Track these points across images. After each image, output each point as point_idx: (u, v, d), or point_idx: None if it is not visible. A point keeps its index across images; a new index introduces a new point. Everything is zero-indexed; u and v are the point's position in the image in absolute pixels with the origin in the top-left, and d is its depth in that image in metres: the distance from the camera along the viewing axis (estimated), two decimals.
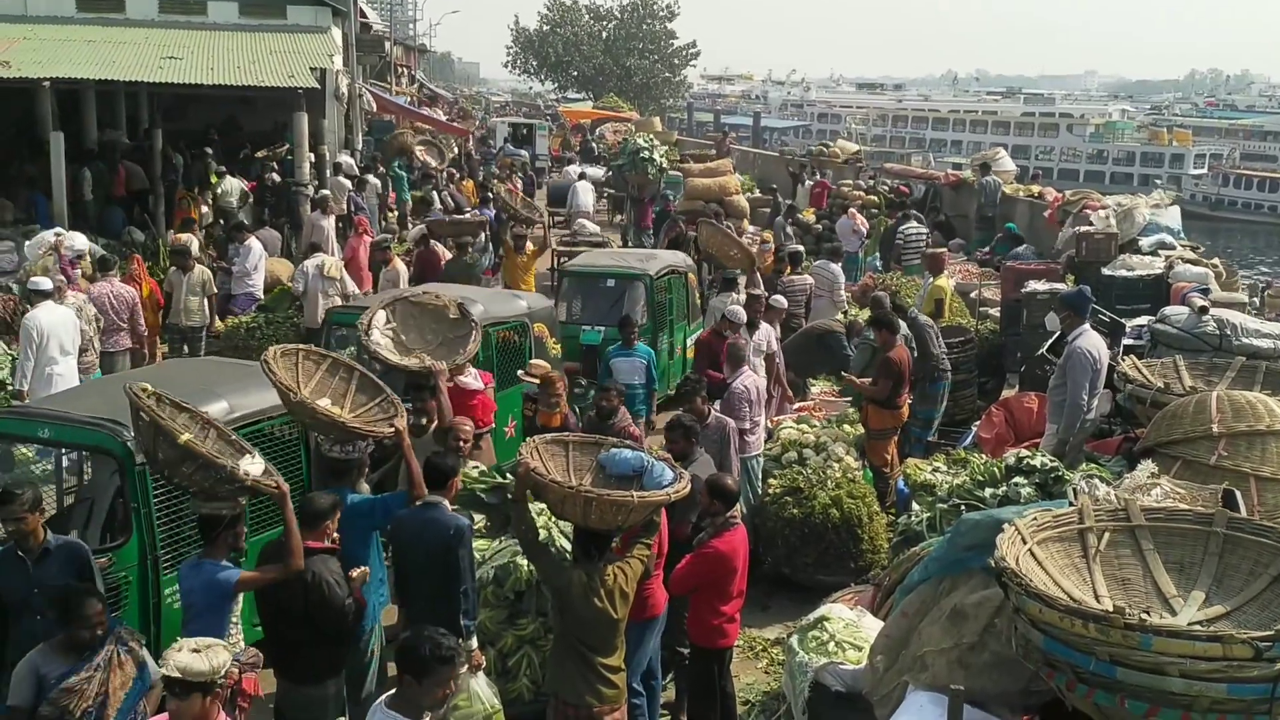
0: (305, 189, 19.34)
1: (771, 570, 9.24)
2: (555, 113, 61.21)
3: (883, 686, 5.49)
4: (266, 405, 7.28)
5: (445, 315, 8.56)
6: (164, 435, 5.77)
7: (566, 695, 5.73)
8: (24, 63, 17.24)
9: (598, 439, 6.70)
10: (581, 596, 5.64)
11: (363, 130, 31.77)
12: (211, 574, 5.72)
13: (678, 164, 26.29)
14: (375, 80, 39.73)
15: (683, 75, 75.04)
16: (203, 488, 5.85)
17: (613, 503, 5.71)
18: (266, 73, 18.94)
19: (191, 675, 4.49)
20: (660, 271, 13.57)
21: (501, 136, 41.94)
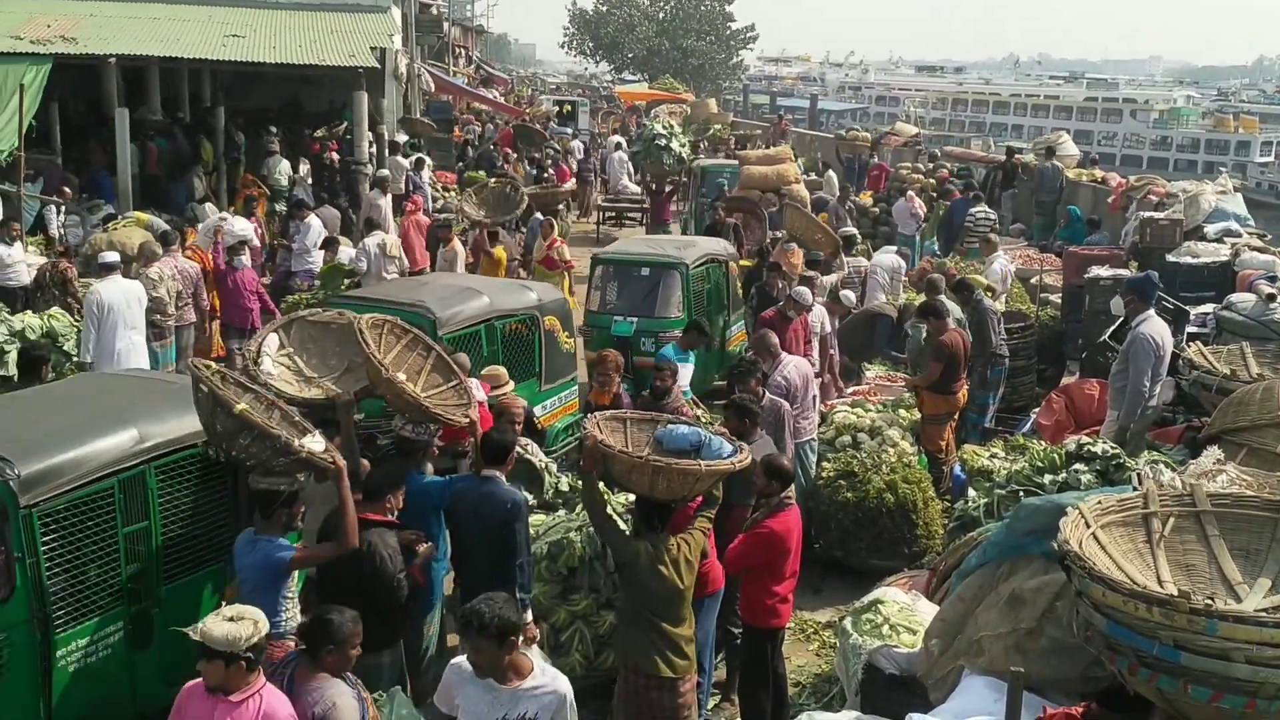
0: (364, 168, 19.52)
1: (824, 554, 9.21)
2: (610, 94, 61.17)
3: (937, 670, 5.47)
4: (186, 432, 6.22)
5: (352, 335, 7.00)
6: (221, 406, 5.82)
7: (640, 664, 5.80)
8: (90, 39, 17.57)
9: (653, 415, 6.74)
10: (648, 567, 5.71)
11: (421, 110, 31.95)
12: (267, 551, 5.73)
13: (735, 151, 25.93)
14: (433, 60, 39.86)
15: (739, 57, 74.63)
16: (260, 460, 5.89)
17: (681, 471, 5.78)
18: (328, 52, 19.13)
19: (210, 643, 4.57)
20: (698, 260, 12.94)
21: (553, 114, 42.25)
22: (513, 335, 10.01)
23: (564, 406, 10.76)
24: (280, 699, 4.73)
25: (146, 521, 6.05)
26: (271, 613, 5.59)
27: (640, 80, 64.74)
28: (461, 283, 10.12)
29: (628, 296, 12.92)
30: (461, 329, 9.40)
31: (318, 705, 4.77)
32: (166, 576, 6.17)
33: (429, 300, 9.36)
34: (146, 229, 14.54)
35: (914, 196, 20.32)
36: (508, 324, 9.90)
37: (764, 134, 34.38)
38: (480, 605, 4.57)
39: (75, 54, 16.94)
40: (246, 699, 4.60)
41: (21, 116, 13.69)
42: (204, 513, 6.38)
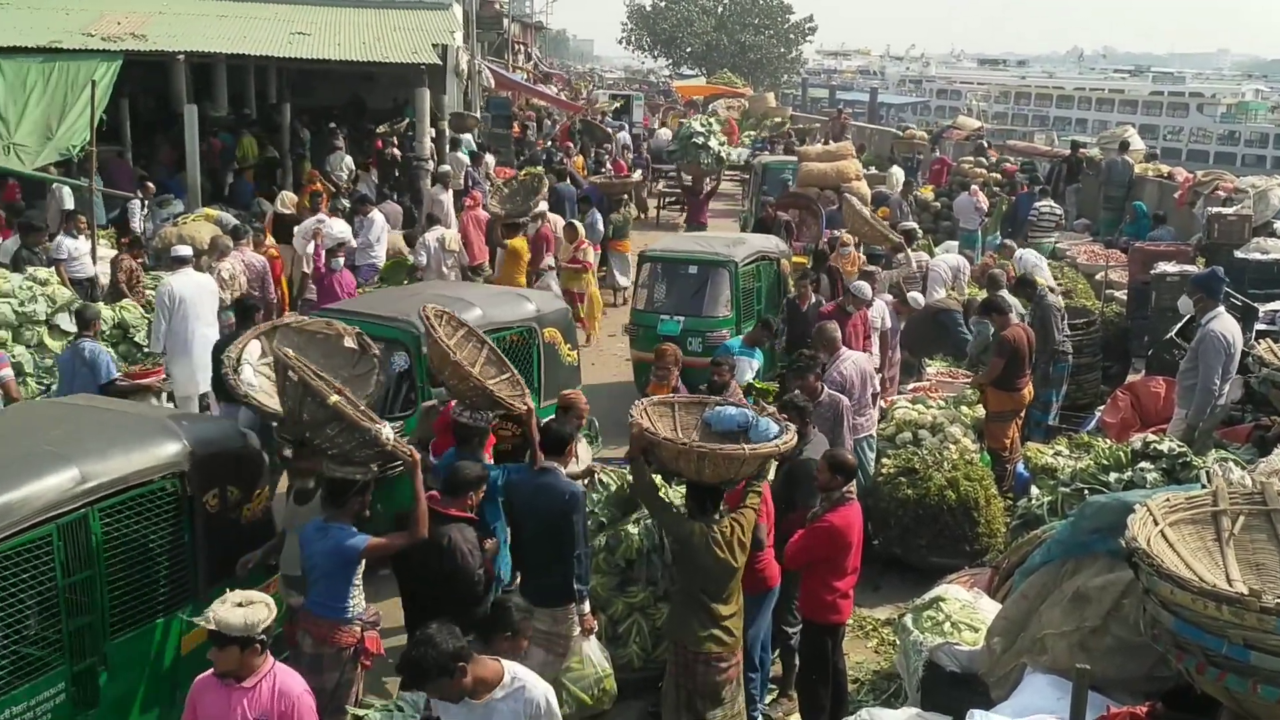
0: (425, 164, 19.71)
1: (883, 551, 9.16)
2: (667, 89, 61.17)
3: (999, 668, 5.42)
4: (135, 469, 5.68)
5: (339, 346, 6.92)
6: (313, 396, 5.92)
7: (688, 642, 5.90)
8: (159, 36, 17.89)
9: (702, 399, 6.84)
10: (704, 548, 5.81)
11: (480, 107, 32.17)
12: (339, 539, 5.80)
13: (795, 147, 25.70)
14: (493, 57, 40.14)
15: (798, 51, 74.24)
16: (342, 450, 5.98)
17: (725, 456, 5.87)
18: (391, 49, 19.33)
19: (227, 629, 4.63)
20: (748, 257, 12.57)
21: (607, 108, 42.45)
22: (507, 349, 8.77)
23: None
24: (293, 675, 4.83)
25: (90, 571, 5.42)
26: (341, 599, 5.80)
27: (698, 75, 64.66)
28: (452, 293, 9.35)
29: (675, 295, 12.65)
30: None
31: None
32: (114, 630, 5.56)
33: (413, 314, 8.36)
34: (215, 224, 14.82)
35: (977, 191, 20.12)
36: (502, 338, 8.78)
37: (823, 128, 34.18)
38: (413, 653, 4.36)
39: (145, 51, 17.26)
40: (260, 681, 4.70)
41: (93, 112, 13.96)
42: (157, 558, 5.80)
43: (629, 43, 74.42)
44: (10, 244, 13.19)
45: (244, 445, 6.40)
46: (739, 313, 12.10)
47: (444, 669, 4.30)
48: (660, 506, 6.12)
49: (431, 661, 4.30)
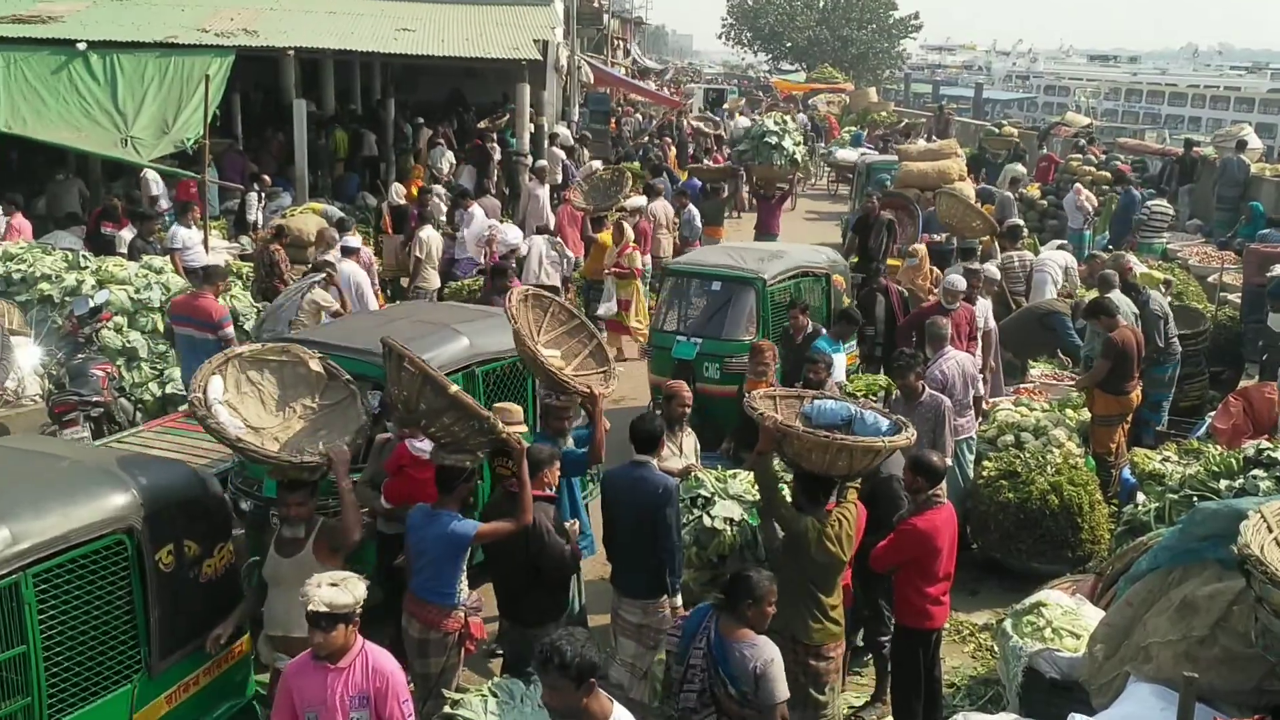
0: (525, 159, 19.92)
1: (981, 555, 8.99)
2: (767, 84, 60.86)
3: (1102, 675, 5.30)
4: (75, 526, 4.91)
5: (302, 374, 6.31)
6: (432, 385, 5.96)
7: (798, 633, 5.90)
8: (270, 32, 18.37)
9: (798, 393, 6.83)
10: (816, 542, 5.83)
11: (579, 102, 32.40)
12: (449, 525, 5.87)
13: (896, 145, 25.24)
14: (592, 53, 40.38)
15: (901, 46, 73.27)
16: (456, 439, 6.07)
17: (865, 449, 5.85)
18: (492, 45, 19.57)
19: (338, 608, 4.66)
20: (783, 274, 11.17)
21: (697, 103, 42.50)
22: (501, 382, 8.05)
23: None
24: (384, 653, 4.86)
25: (24, 646, 4.72)
26: (450, 585, 5.95)
27: (798, 70, 64.21)
28: (437, 319, 8.24)
29: (696, 314, 11.41)
30: None
31: (756, 662, 4.97)
32: (54, 713, 4.89)
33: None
34: (321, 215, 15.18)
35: (1081, 189, 19.59)
36: (495, 369, 7.94)
37: (927, 124, 33.69)
38: (562, 642, 4.25)
39: (256, 46, 17.74)
40: (354, 661, 4.75)
41: (207, 106, 14.38)
42: (104, 626, 5.08)
43: (729, 38, 74.16)
44: (126, 233, 13.69)
45: (204, 492, 5.72)
46: (767, 336, 10.53)
47: (581, 673, 4.21)
48: (780, 502, 6.09)
49: (576, 660, 4.19)
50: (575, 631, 4.45)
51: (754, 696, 4.99)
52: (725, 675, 5.04)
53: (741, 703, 5.03)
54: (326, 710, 4.69)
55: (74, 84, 15.80)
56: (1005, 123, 32.67)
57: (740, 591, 5.06)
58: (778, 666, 5.01)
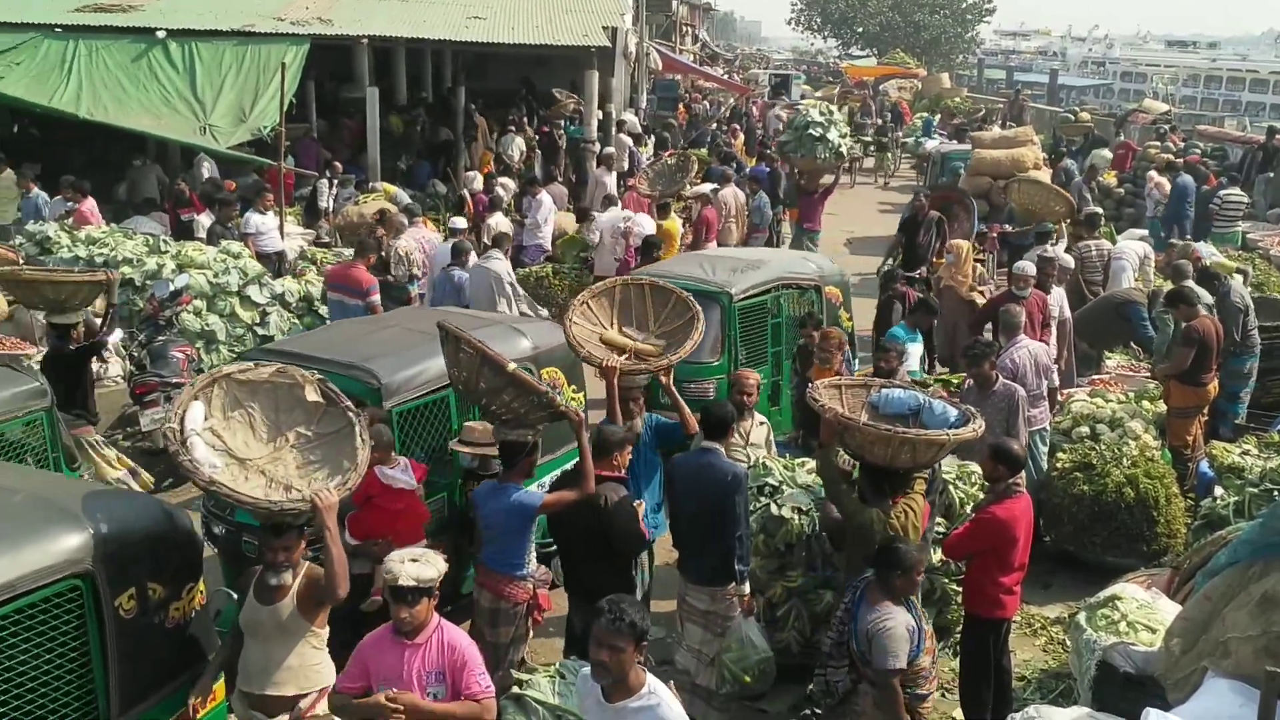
0: (592, 145, 19.96)
1: (1054, 548, 8.86)
2: (837, 70, 60.30)
3: (1178, 670, 5.20)
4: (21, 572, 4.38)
5: (297, 398, 5.56)
6: (490, 364, 6.13)
7: None
8: (344, 21, 18.61)
9: (865, 381, 6.73)
10: (882, 534, 5.75)
11: (647, 89, 32.36)
12: (516, 497, 6.04)
13: (970, 132, 24.78)
14: (661, 39, 40.28)
15: (975, 31, 72.15)
16: (516, 414, 6.18)
17: (928, 442, 5.76)
18: (562, 31, 19.63)
19: (425, 582, 4.71)
20: (754, 287, 9.88)
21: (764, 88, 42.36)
22: None
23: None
24: (457, 630, 4.91)
25: None
26: (519, 555, 6.11)
27: (868, 56, 63.52)
28: (429, 329, 7.26)
29: None
30: (419, 397, 7.17)
31: (872, 624, 5.23)
32: None
33: (375, 360, 7.13)
34: (391, 200, 15.35)
35: (1153, 176, 19.12)
36: None
37: (1001, 110, 33.17)
38: (625, 604, 4.34)
39: (330, 35, 17.98)
40: (430, 636, 4.79)
41: (283, 94, 14.62)
42: (59, 679, 4.56)
43: (798, 23, 73.56)
44: (204, 219, 13.97)
45: (170, 528, 5.17)
46: (734, 358, 9.54)
47: (641, 636, 4.32)
48: (844, 494, 6.05)
49: (641, 621, 4.31)
50: (627, 596, 4.55)
51: (869, 656, 5.23)
52: (854, 632, 5.36)
53: (863, 661, 5.32)
54: (402, 685, 4.73)
55: (154, 72, 16.19)
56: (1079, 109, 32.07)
57: (889, 563, 5.28)
58: (892, 636, 5.15)
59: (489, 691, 4.81)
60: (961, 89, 44.15)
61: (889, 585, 5.29)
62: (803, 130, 17.87)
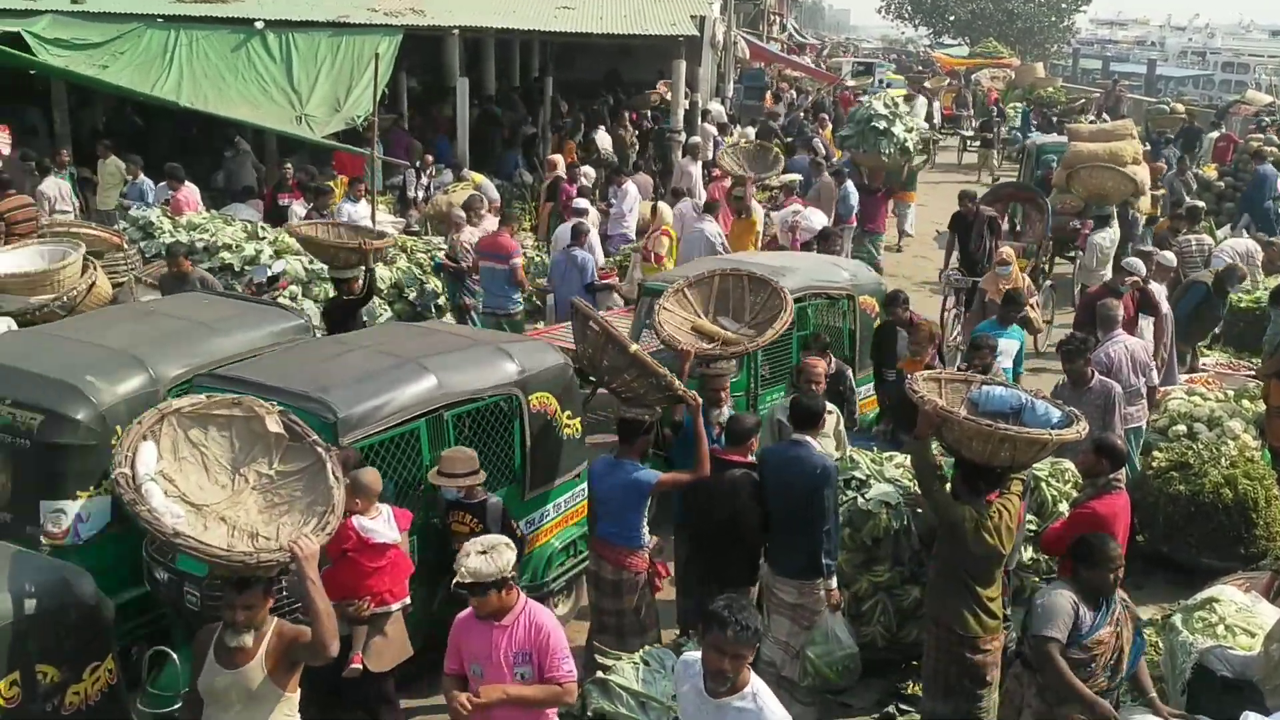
0: (678, 135, 19.95)
1: (1148, 548, 8.66)
2: (928, 59, 59.43)
3: (1277, 675, 5.09)
4: None
5: (255, 431, 4.97)
6: (614, 345, 6.41)
7: (953, 624, 5.83)
8: (436, 11, 18.83)
9: (965, 376, 6.62)
10: (974, 532, 5.68)
11: (733, 78, 32.25)
12: (632, 474, 6.32)
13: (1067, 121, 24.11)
14: (748, 28, 40.09)
15: (1070, 20, 70.55)
16: (636, 394, 6.52)
17: (1029, 440, 5.63)
18: (650, 21, 19.64)
19: (482, 578, 4.73)
20: None
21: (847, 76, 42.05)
22: (477, 427, 6.90)
23: (562, 517, 7.59)
24: (544, 611, 4.96)
25: None
26: (636, 528, 6.44)
27: (960, 44, 62.48)
28: (404, 352, 6.88)
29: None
30: (382, 431, 6.27)
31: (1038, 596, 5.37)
32: None
33: (332, 389, 6.25)
34: (476, 189, 15.48)
35: None
36: (469, 413, 6.80)
37: (1097, 101, 32.39)
38: (743, 610, 4.25)
39: (422, 25, 18.21)
40: (517, 618, 4.84)
41: (376, 84, 14.82)
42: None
43: (888, 11, 72.57)
44: (299, 206, 14.27)
45: (66, 597, 4.52)
46: (754, 375, 8.90)
47: (756, 638, 4.26)
48: (937, 489, 5.95)
49: (755, 631, 4.23)
50: (742, 599, 4.54)
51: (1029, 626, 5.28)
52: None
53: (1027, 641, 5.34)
54: (491, 665, 4.82)
55: (252, 62, 16.56)
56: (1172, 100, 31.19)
57: (1077, 554, 5.28)
58: (1053, 607, 5.15)
59: (571, 676, 4.87)
60: (1056, 79, 43.20)
61: (1079, 578, 5.27)
62: (865, 124, 16.99)
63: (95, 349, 6.88)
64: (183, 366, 6.87)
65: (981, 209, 13.66)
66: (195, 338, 7.23)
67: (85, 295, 9.63)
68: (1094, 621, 5.16)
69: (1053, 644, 5.10)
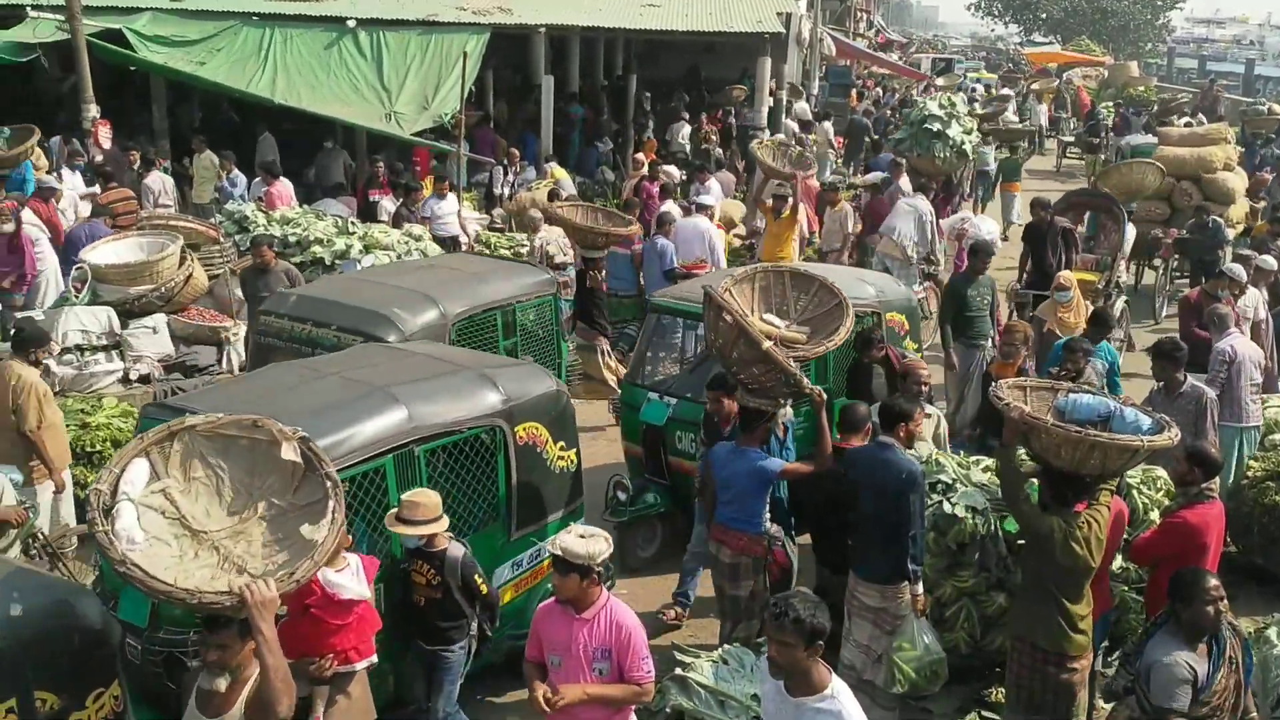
0: (761, 133, 19.89)
1: (1241, 558, 8.45)
2: (1018, 57, 58.40)
3: None
4: None
5: (272, 457, 4.44)
6: (746, 338, 6.50)
7: (1037, 639, 5.73)
8: (523, 10, 18.99)
9: (1051, 384, 6.46)
10: (1062, 544, 5.56)
11: (819, 75, 32.02)
12: (756, 461, 6.55)
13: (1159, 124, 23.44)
14: (834, 25, 39.78)
15: (1165, 17, 68.84)
16: (762, 385, 6.63)
17: (1120, 448, 5.48)
18: (736, 18, 19.61)
19: (570, 556, 4.75)
20: None
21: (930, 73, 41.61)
22: (454, 462, 6.43)
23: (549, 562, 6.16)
24: (625, 609, 4.96)
25: None
26: (757, 515, 6.65)
27: (1051, 42, 61.30)
28: (375, 380, 6.39)
29: (675, 366, 9.37)
30: (342, 470, 5.29)
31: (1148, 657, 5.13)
32: None
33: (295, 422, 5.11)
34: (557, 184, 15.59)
35: None
36: (442, 447, 6.31)
37: (1191, 102, 31.52)
38: (796, 600, 4.24)
39: (510, 24, 18.38)
40: (598, 613, 4.85)
41: (463, 83, 15.04)
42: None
43: (978, 8, 71.45)
44: (388, 203, 14.50)
45: (71, 621, 4.26)
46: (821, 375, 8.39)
47: (812, 634, 4.18)
48: (1022, 498, 5.86)
49: (810, 620, 4.18)
50: (810, 594, 4.48)
51: (1148, 689, 5.03)
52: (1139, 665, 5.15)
53: (1143, 703, 5.07)
54: (570, 658, 4.85)
55: (343, 60, 16.88)
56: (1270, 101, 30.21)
57: (1173, 592, 5.10)
58: (1169, 673, 4.91)
59: (650, 676, 4.89)
60: (1150, 78, 42.15)
61: (1176, 617, 5.04)
62: (919, 125, 16.19)
63: (397, 290, 8.47)
64: (463, 305, 8.49)
65: (1055, 219, 12.99)
66: (469, 284, 8.85)
67: (182, 286, 9.92)
68: (1209, 673, 4.97)
69: (1176, 715, 4.92)
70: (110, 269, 9.96)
